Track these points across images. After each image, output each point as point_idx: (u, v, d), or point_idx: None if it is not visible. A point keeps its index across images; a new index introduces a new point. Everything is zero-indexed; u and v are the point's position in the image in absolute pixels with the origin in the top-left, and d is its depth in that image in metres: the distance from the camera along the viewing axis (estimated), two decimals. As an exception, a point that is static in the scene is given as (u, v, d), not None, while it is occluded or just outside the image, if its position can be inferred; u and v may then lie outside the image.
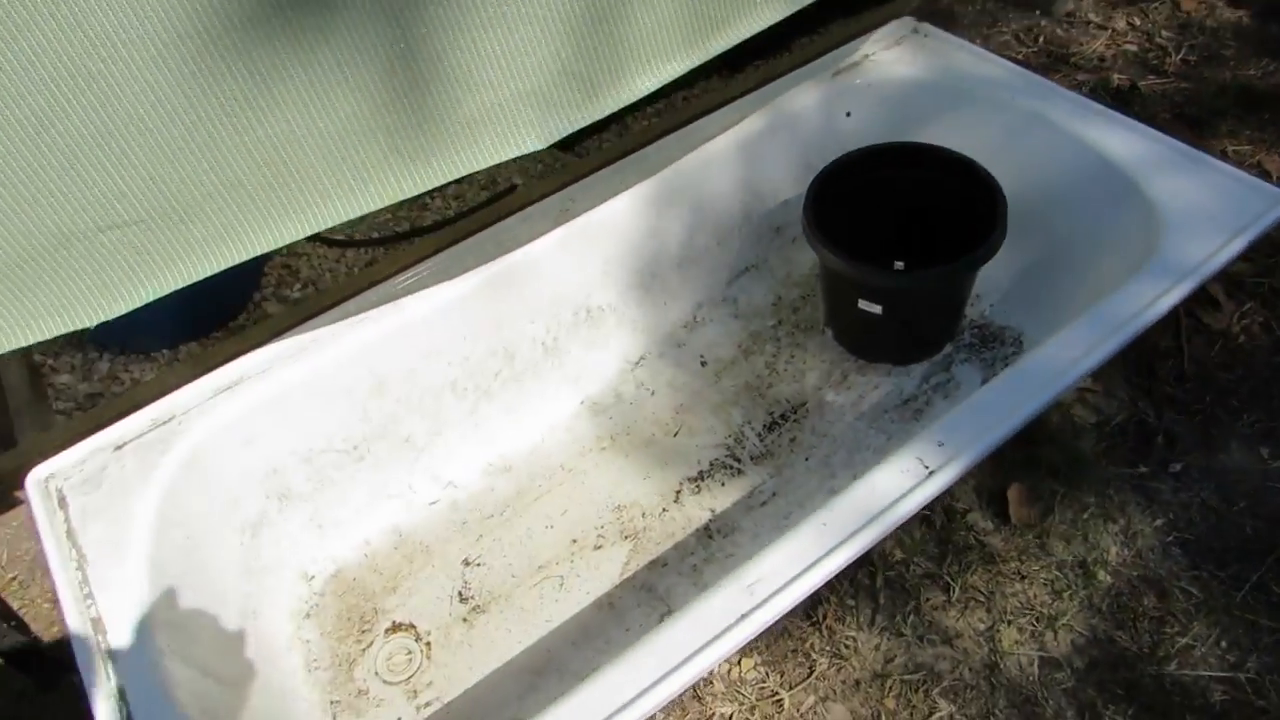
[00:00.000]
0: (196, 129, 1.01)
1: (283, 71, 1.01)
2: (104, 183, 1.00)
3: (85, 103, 0.94)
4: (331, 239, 2.25)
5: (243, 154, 1.05)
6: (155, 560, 1.26)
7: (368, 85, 1.07)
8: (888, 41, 1.92)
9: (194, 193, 1.05)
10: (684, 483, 1.62)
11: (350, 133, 1.09)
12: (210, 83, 0.98)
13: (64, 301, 1.07)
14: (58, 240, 1.02)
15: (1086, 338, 1.33)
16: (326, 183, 1.11)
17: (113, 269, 1.07)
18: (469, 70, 1.12)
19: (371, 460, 1.57)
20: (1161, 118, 2.10)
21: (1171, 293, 1.38)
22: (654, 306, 1.79)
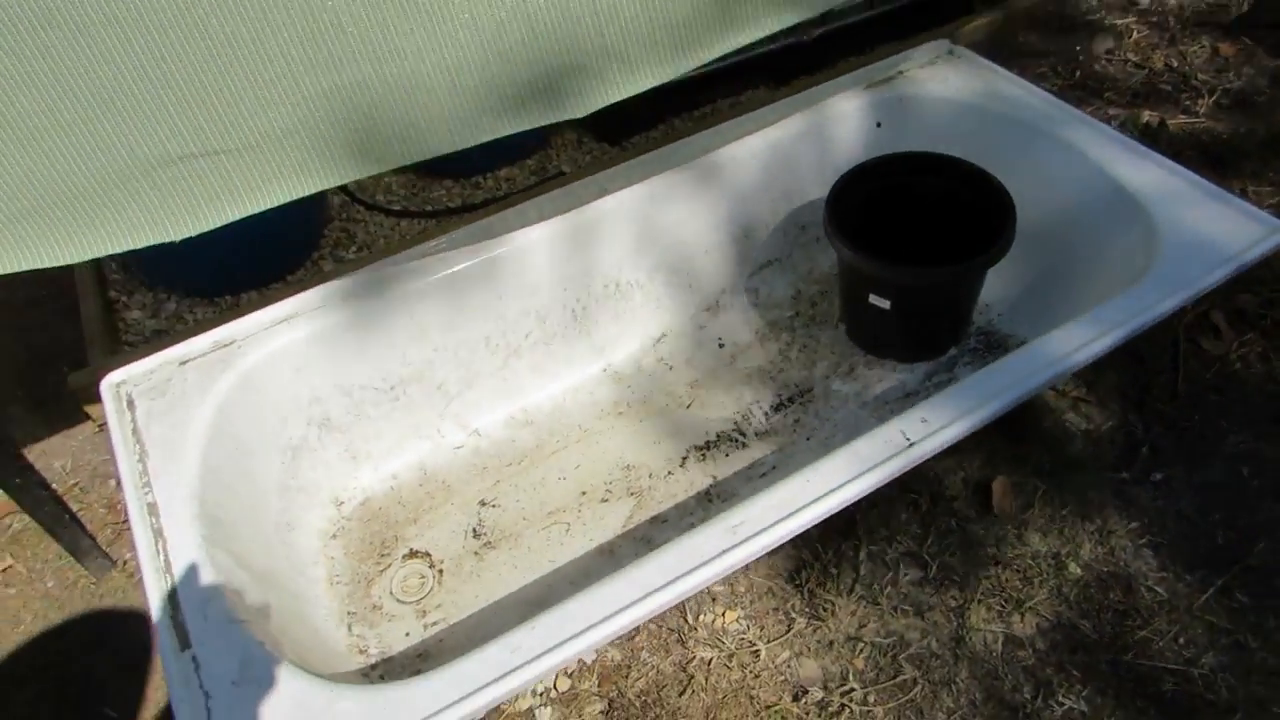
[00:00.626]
0: (285, 74, 1.16)
1: (370, 34, 1.16)
2: (202, 115, 1.15)
3: (195, 45, 1.09)
4: (389, 208, 2.41)
5: (320, 100, 1.19)
6: (206, 462, 1.40)
7: (439, 46, 1.21)
8: (923, 60, 2.03)
9: (276, 129, 1.20)
10: (691, 450, 1.74)
11: (420, 86, 1.23)
12: (304, 35, 1.13)
13: (156, 217, 1.22)
14: (157, 162, 1.17)
15: (1075, 338, 1.43)
16: (389, 131, 1.25)
17: (200, 191, 1.22)
18: (527, 39, 1.26)
19: (406, 401, 1.71)
20: (1186, 155, 2.18)
21: (1161, 304, 1.48)
22: (680, 288, 1.92)
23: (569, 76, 1.32)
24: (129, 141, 1.15)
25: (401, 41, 1.20)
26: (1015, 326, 1.87)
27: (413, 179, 2.51)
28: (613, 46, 1.32)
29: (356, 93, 1.22)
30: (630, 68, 1.37)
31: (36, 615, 1.70)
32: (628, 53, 1.35)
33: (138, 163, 1.17)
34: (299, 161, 1.25)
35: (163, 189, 1.21)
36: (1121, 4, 2.66)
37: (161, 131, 1.15)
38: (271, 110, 1.20)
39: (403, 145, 1.29)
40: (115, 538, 1.79)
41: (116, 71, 1.10)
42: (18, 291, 2.33)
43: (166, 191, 1.22)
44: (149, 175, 1.19)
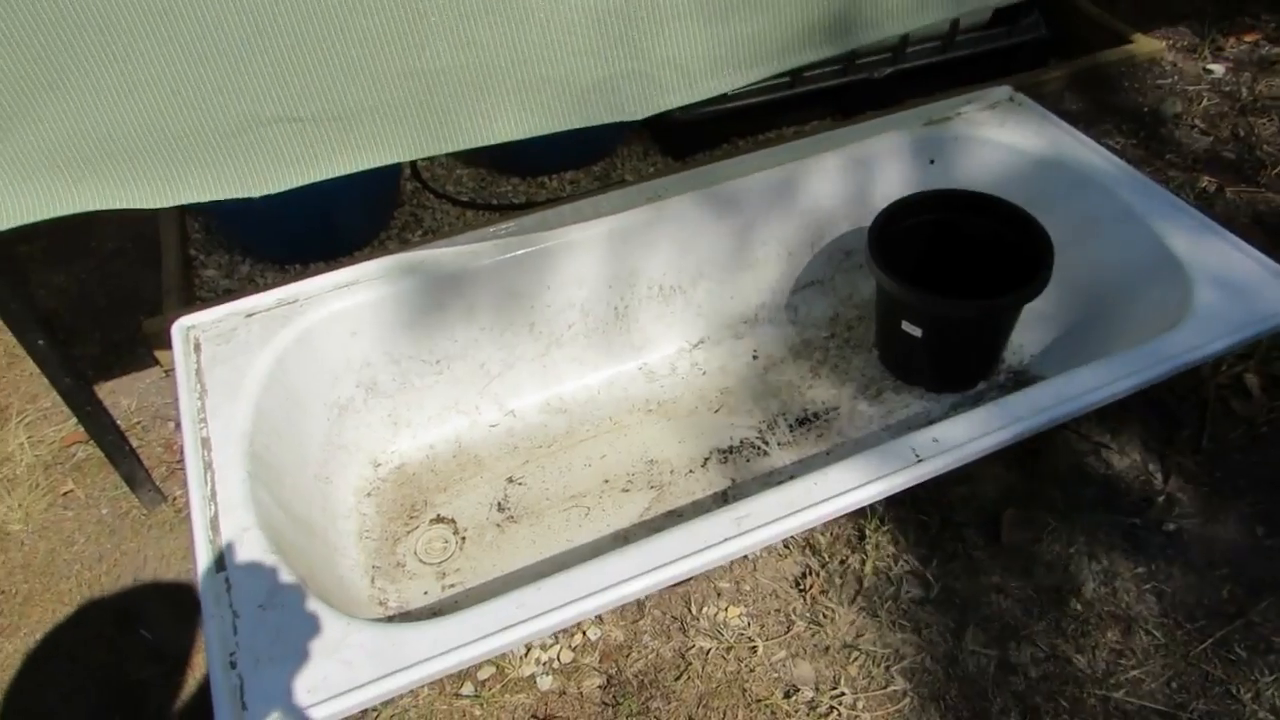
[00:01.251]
0: (371, 53, 1.26)
1: (450, 23, 1.27)
2: (293, 83, 1.26)
3: (294, 18, 1.21)
4: (457, 198, 2.53)
5: (400, 80, 1.30)
6: (259, 407, 1.51)
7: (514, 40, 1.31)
8: (983, 104, 2.08)
9: (357, 103, 1.30)
10: (713, 452, 1.81)
11: (492, 74, 1.33)
12: (390, 19, 1.24)
13: (241, 173, 1.33)
14: (248, 122, 1.28)
15: (1095, 379, 1.47)
16: (460, 114, 1.36)
17: (284, 154, 1.33)
18: (595, 42, 1.35)
19: (449, 376, 1.81)
20: (1240, 221, 2.19)
21: (1187, 355, 1.50)
22: (720, 298, 1.99)
23: (630, 80, 1.41)
24: (226, 100, 1.27)
25: (479, 32, 1.31)
26: (1045, 368, 1.91)
27: (482, 173, 2.62)
28: (674, 56, 1.40)
29: (434, 76, 1.32)
30: (689, 78, 1.45)
31: (89, 538, 1.82)
32: (688, 64, 1.43)
33: (231, 120, 1.28)
34: (375, 135, 1.36)
35: (250, 148, 1.33)
36: (1197, 72, 2.68)
37: (256, 94, 1.27)
38: (355, 85, 1.31)
39: (471, 129, 1.39)
40: (168, 475, 1.91)
41: (224, 35, 1.22)
42: (106, 241, 2.50)
43: (253, 150, 1.33)
44: (240, 134, 1.30)
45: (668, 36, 1.38)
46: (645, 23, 1.35)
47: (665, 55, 1.39)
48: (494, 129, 1.39)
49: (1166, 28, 2.85)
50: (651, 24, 1.35)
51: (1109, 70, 2.66)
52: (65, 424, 2.03)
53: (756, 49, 1.45)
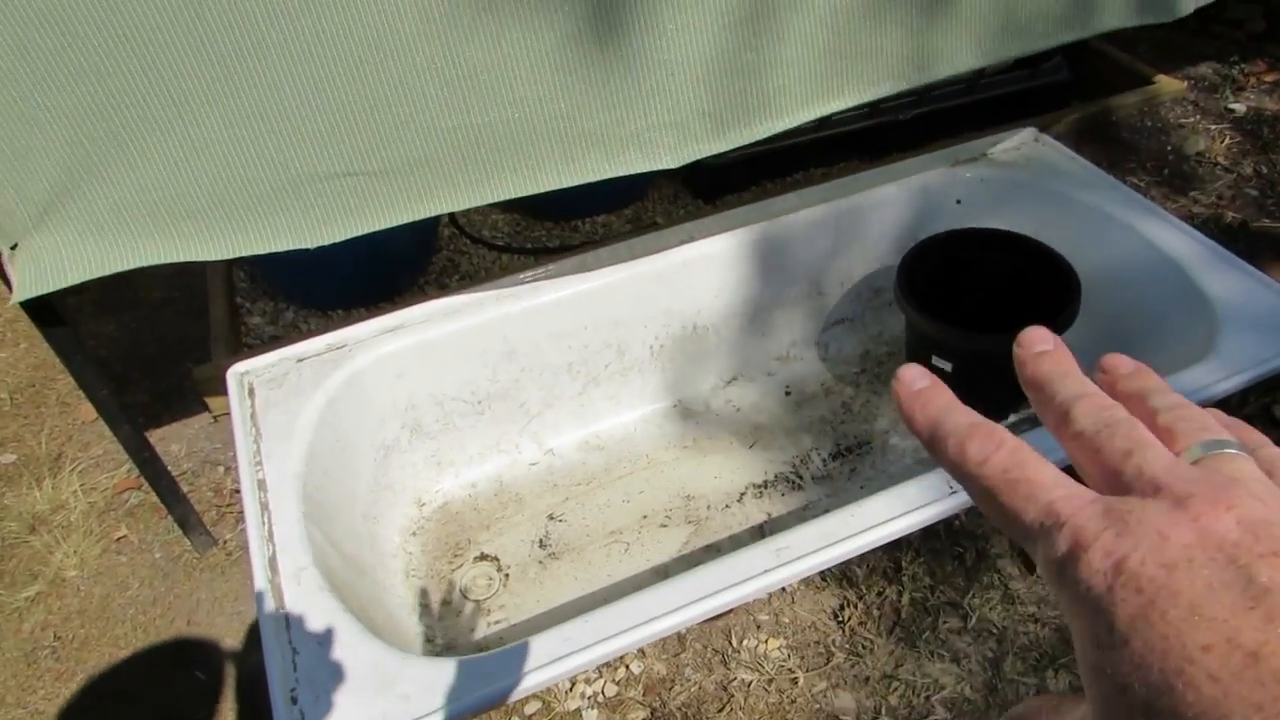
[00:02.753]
0: (422, 110, 1.34)
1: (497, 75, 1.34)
2: (348, 140, 1.34)
3: (350, 80, 1.28)
4: (492, 243, 2.61)
5: (450, 135, 1.37)
6: (312, 450, 1.57)
7: (557, 97, 1.38)
8: (1009, 145, 2.13)
9: (409, 158, 1.38)
10: (749, 487, 1.84)
11: (537, 129, 1.40)
12: (442, 78, 1.31)
13: (297, 225, 1.41)
14: (305, 178, 1.35)
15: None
16: (506, 167, 1.42)
17: (338, 206, 1.40)
18: (632, 96, 1.42)
19: (490, 416, 1.86)
20: (1263, 258, 2.22)
21: (1212, 387, 1.53)
22: (753, 336, 2.04)
23: (666, 130, 1.47)
24: (285, 158, 1.34)
25: (526, 90, 1.38)
26: (1076, 401, 1.93)
27: (516, 218, 2.70)
28: (708, 107, 1.47)
29: (483, 132, 1.40)
30: (721, 127, 1.52)
31: (143, 582, 1.88)
32: (721, 114, 1.50)
33: (290, 177, 1.36)
34: (426, 187, 1.43)
35: (306, 201, 1.40)
36: (1217, 111, 2.72)
37: (313, 151, 1.34)
38: (407, 141, 1.38)
39: (516, 180, 1.46)
40: (219, 519, 1.97)
41: (283, 97, 1.30)
42: (154, 292, 2.59)
43: (309, 204, 1.40)
44: (297, 189, 1.38)
45: (700, 88, 1.44)
46: (680, 77, 1.42)
47: (699, 107, 1.46)
48: (537, 180, 1.46)
49: (1188, 68, 2.90)
50: (688, 77, 1.42)
51: (1131, 110, 2.71)
52: (118, 471, 2.10)
53: (786, 98, 1.51)
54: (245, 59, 1.26)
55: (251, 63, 1.26)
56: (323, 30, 1.26)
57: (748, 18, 1.43)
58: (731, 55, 1.45)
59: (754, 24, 1.44)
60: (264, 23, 1.23)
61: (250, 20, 1.22)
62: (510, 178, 1.45)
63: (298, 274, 2.33)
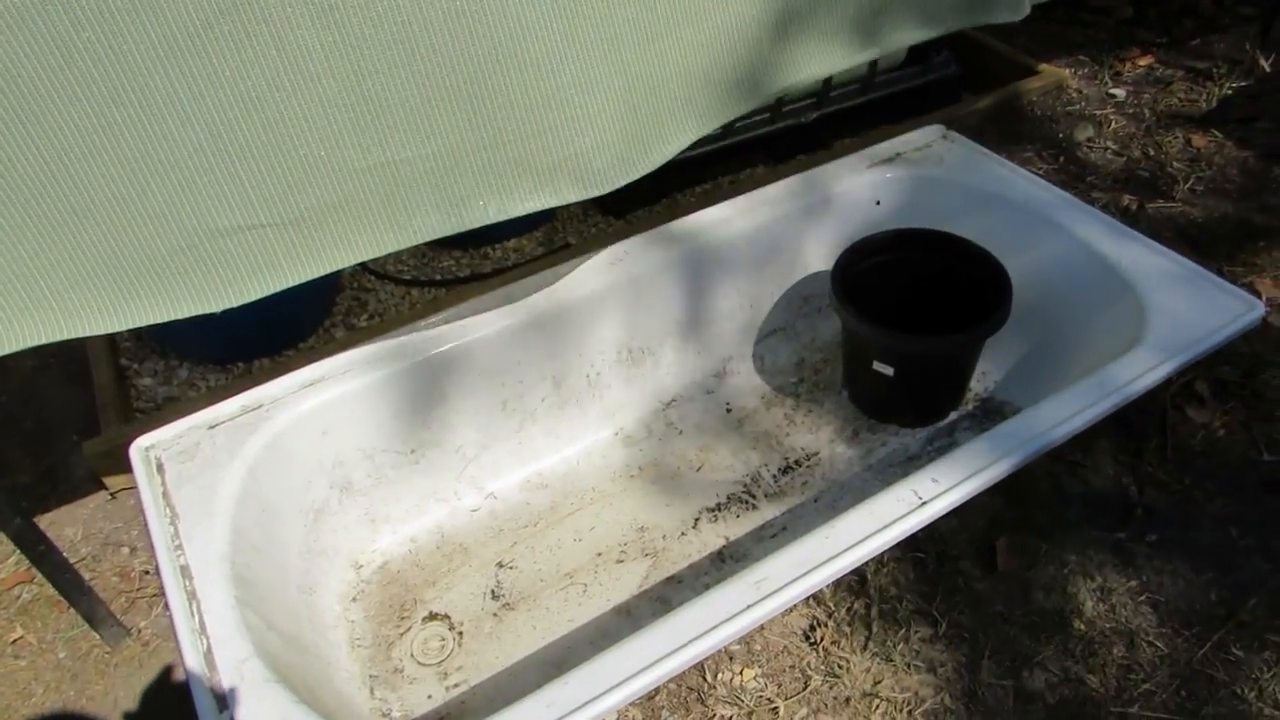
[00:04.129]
0: (333, 151, 1.23)
1: (414, 114, 1.24)
2: (251, 190, 1.21)
3: (250, 123, 1.16)
4: (399, 278, 2.48)
5: (364, 175, 1.27)
6: (236, 526, 1.43)
7: (466, 130, 1.29)
8: (920, 143, 2.15)
9: (321, 203, 1.26)
10: (703, 512, 1.79)
11: (459, 161, 1.31)
12: (352, 115, 1.21)
13: (199, 288, 1.27)
14: (204, 235, 1.22)
15: (1074, 404, 1.50)
16: (427, 204, 1.33)
17: (244, 264, 1.27)
18: (554, 125, 1.34)
19: (425, 465, 1.75)
20: (1164, 236, 2.30)
21: (1150, 374, 1.56)
22: (689, 355, 1.98)
23: (595, 153, 1.40)
24: (179, 215, 1.21)
25: (442, 120, 1.28)
26: (1010, 394, 1.95)
27: (422, 249, 2.58)
28: (632, 129, 1.41)
29: (399, 168, 1.29)
30: (645, 148, 1.46)
31: (49, 687, 1.69)
32: (644, 134, 1.44)
33: (185, 235, 1.22)
34: (341, 234, 1.32)
35: (207, 261, 1.27)
36: (1101, 97, 2.82)
37: (210, 205, 1.21)
38: (317, 185, 1.27)
39: (440, 218, 1.36)
40: (129, 606, 1.79)
41: (173, 148, 1.17)
42: (25, 359, 2.36)
43: (211, 264, 1.27)
44: (195, 248, 1.24)
45: (624, 109, 1.39)
46: (602, 98, 1.35)
47: (624, 129, 1.40)
48: (463, 216, 1.37)
49: (1066, 57, 3.00)
50: (608, 99, 1.36)
51: (1020, 101, 2.79)
52: (4, 564, 1.89)
53: (691, 112, 1.48)
54: (125, 105, 1.13)
55: (132, 110, 1.13)
56: (214, 69, 1.13)
57: (658, 34, 1.38)
58: (649, 72, 1.40)
59: (660, 42, 1.39)
60: (144, 65, 1.10)
61: (128, 63, 1.09)
62: (434, 215, 1.35)
63: (189, 328, 2.11)
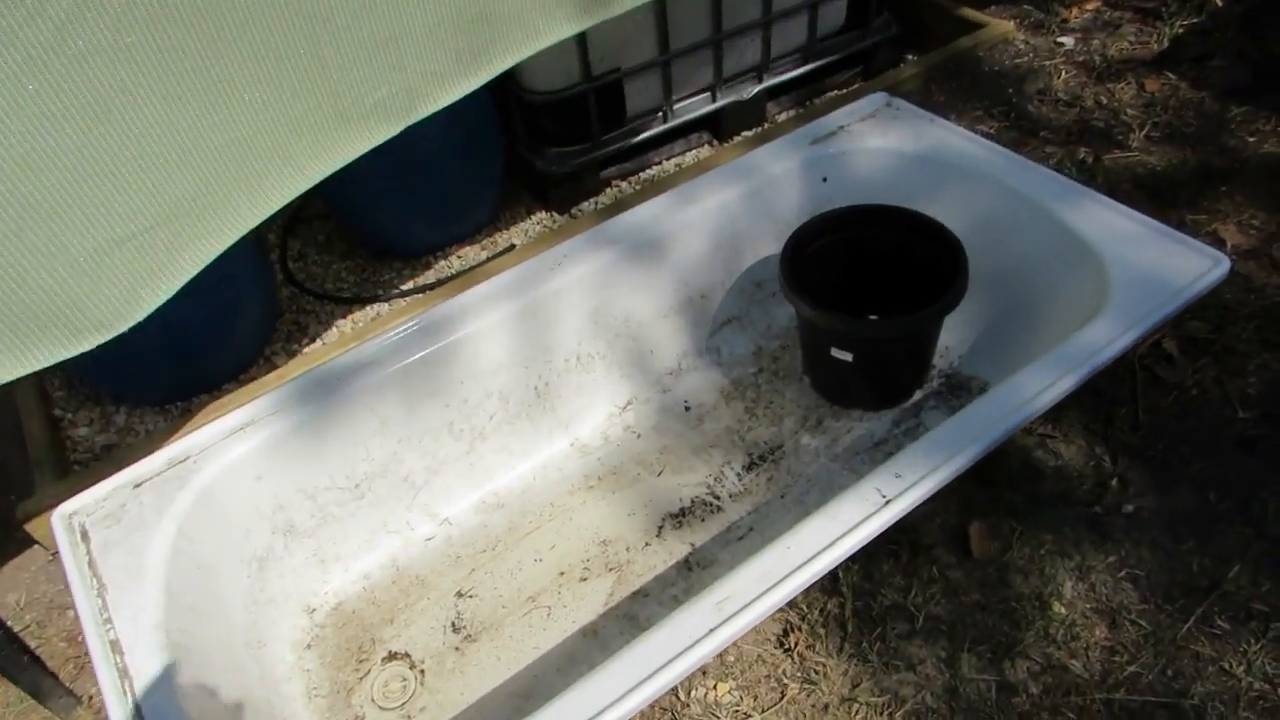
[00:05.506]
0: (191, 141, 1.16)
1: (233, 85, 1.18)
2: (118, 199, 1.13)
3: (105, 130, 1.09)
4: (339, 296, 2.39)
5: (215, 157, 1.20)
6: (170, 589, 1.35)
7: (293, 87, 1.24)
8: (863, 114, 2.07)
9: (184, 196, 1.19)
10: (666, 519, 1.72)
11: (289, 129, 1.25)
12: (200, 104, 1.14)
13: (94, 314, 1.19)
14: (85, 256, 1.14)
15: (1039, 381, 1.44)
16: (276, 173, 1.27)
17: (129, 277, 1.19)
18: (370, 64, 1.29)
19: (372, 498, 1.67)
20: (1123, 188, 2.24)
21: (1117, 341, 1.50)
22: (641, 355, 1.91)
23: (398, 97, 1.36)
24: (59, 243, 1.13)
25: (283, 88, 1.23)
26: (976, 367, 1.89)
27: (361, 264, 2.48)
28: (431, 68, 1.37)
29: (243, 145, 1.23)
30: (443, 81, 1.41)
31: (-3, 760, 1.62)
32: (442, 70, 1.40)
33: (69, 263, 1.14)
34: (207, 223, 1.25)
35: (96, 283, 1.19)
36: (1049, 47, 2.75)
37: (83, 226, 1.13)
38: (177, 179, 1.19)
39: (288, 181, 1.31)
40: (79, 672, 1.71)
41: (37, 176, 1.08)
42: (-48, 414, 2.25)
43: (100, 284, 1.19)
44: (82, 273, 1.16)
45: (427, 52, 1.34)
46: (405, 44, 1.31)
47: (425, 69, 1.35)
48: (305, 175, 1.31)
49: (1011, 7, 2.92)
50: (411, 44, 1.31)
51: (966, 57, 2.71)
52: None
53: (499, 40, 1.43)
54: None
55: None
56: (62, 89, 1.05)
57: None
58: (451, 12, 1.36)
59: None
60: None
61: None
62: (279, 183, 1.30)
63: (121, 371, 2.05)
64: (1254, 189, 2.19)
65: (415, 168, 2.24)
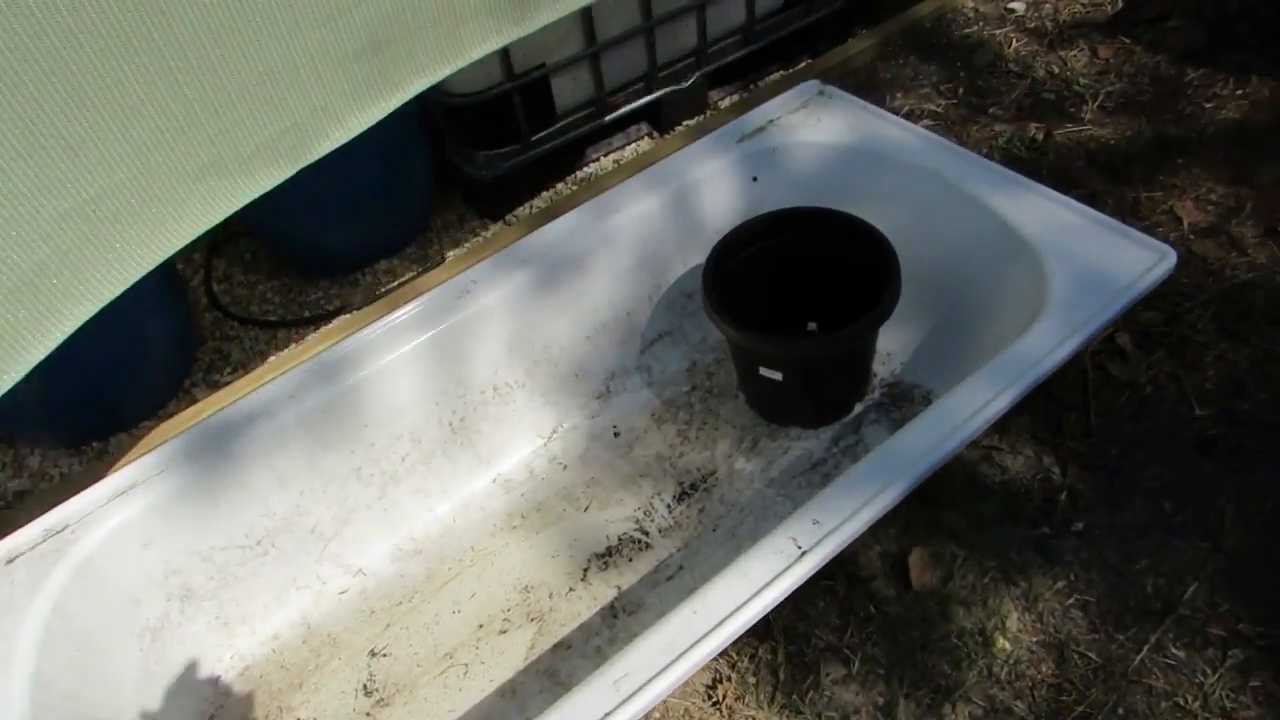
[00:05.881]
0: (33, 209, 1.05)
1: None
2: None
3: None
4: (264, 320, 2.28)
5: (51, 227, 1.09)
6: (39, 677, 1.26)
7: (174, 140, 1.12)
8: (793, 105, 1.94)
9: (17, 276, 1.08)
10: (592, 560, 1.63)
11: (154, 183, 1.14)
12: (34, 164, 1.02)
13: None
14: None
15: (976, 399, 1.33)
16: (132, 238, 1.15)
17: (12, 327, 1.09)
18: (247, 104, 1.17)
19: (276, 554, 1.57)
20: (1075, 166, 2.11)
21: (1055, 352, 1.39)
22: (564, 380, 1.80)
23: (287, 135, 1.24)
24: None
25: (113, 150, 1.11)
26: (919, 375, 1.79)
27: (288, 283, 2.37)
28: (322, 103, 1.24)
29: (98, 203, 1.12)
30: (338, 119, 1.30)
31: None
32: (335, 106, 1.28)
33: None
34: (51, 303, 1.14)
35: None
36: (999, 14, 2.60)
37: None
38: (32, 247, 1.08)
39: (153, 244, 1.19)
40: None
41: None
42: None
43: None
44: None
45: (312, 87, 1.21)
46: (286, 80, 1.18)
47: (314, 104, 1.23)
48: (174, 235, 1.19)
49: (959, -28, 2.77)
50: (294, 80, 1.19)
51: (915, 30, 2.57)
52: None
53: (399, 67, 1.31)
54: None
55: None
56: None
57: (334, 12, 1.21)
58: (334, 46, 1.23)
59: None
60: None
61: None
62: (142, 247, 1.18)
63: (27, 413, 1.95)
64: (1211, 159, 2.06)
65: (334, 180, 2.11)
